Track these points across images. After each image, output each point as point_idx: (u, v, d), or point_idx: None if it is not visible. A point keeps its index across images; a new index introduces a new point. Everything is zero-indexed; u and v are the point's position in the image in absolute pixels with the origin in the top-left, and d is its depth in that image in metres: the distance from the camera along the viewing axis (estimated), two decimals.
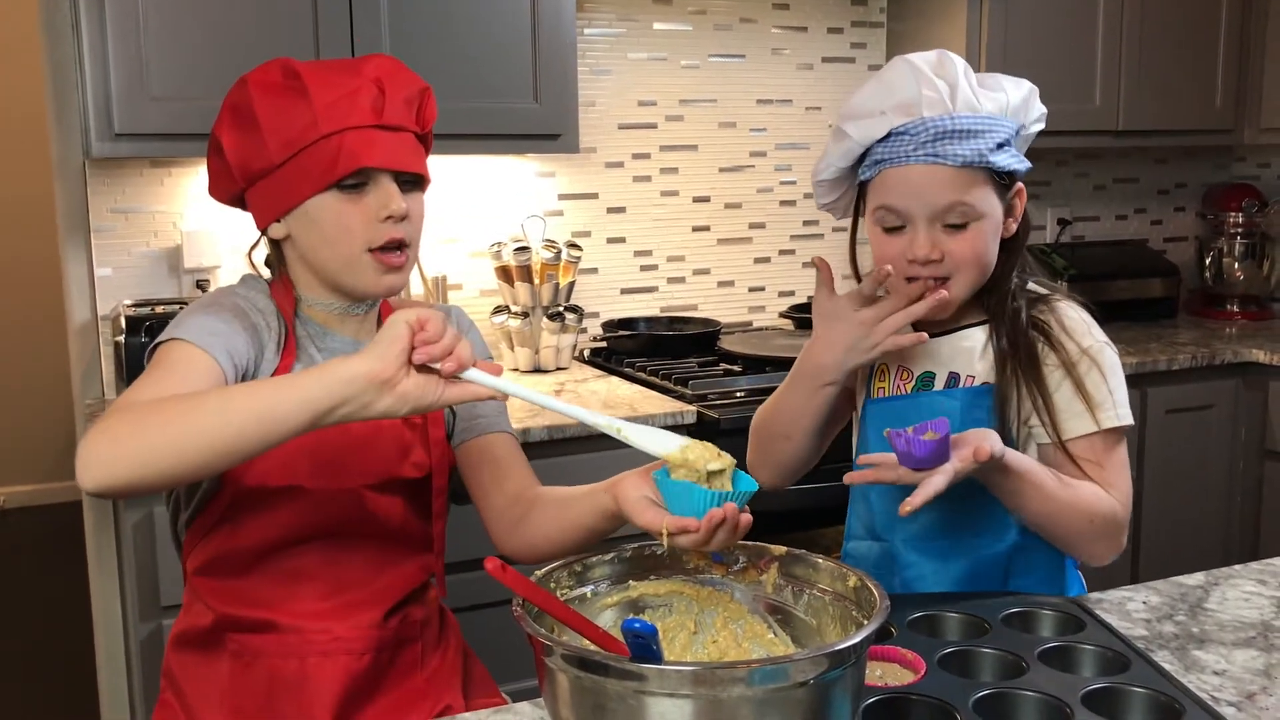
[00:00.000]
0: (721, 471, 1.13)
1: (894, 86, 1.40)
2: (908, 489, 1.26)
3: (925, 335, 1.42)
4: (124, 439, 1.12)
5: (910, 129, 1.38)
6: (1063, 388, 1.42)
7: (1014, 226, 1.46)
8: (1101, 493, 1.40)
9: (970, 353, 1.47)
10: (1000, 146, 1.39)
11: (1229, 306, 3.55)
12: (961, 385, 1.46)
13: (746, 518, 1.11)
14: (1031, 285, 1.50)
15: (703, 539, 1.10)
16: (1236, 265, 3.52)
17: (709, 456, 1.13)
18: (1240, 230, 3.53)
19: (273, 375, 1.33)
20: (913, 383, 1.49)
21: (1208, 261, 3.57)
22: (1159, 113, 3.22)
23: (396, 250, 1.36)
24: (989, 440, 1.29)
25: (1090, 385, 1.42)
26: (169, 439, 1.11)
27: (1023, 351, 1.43)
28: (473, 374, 1.13)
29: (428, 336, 1.10)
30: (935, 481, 1.25)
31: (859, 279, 1.53)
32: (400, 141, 1.35)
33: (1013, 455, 1.34)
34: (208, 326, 1.29)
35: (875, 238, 1.45)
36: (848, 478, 1.35)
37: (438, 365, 1.12)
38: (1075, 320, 1.47)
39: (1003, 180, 1.42)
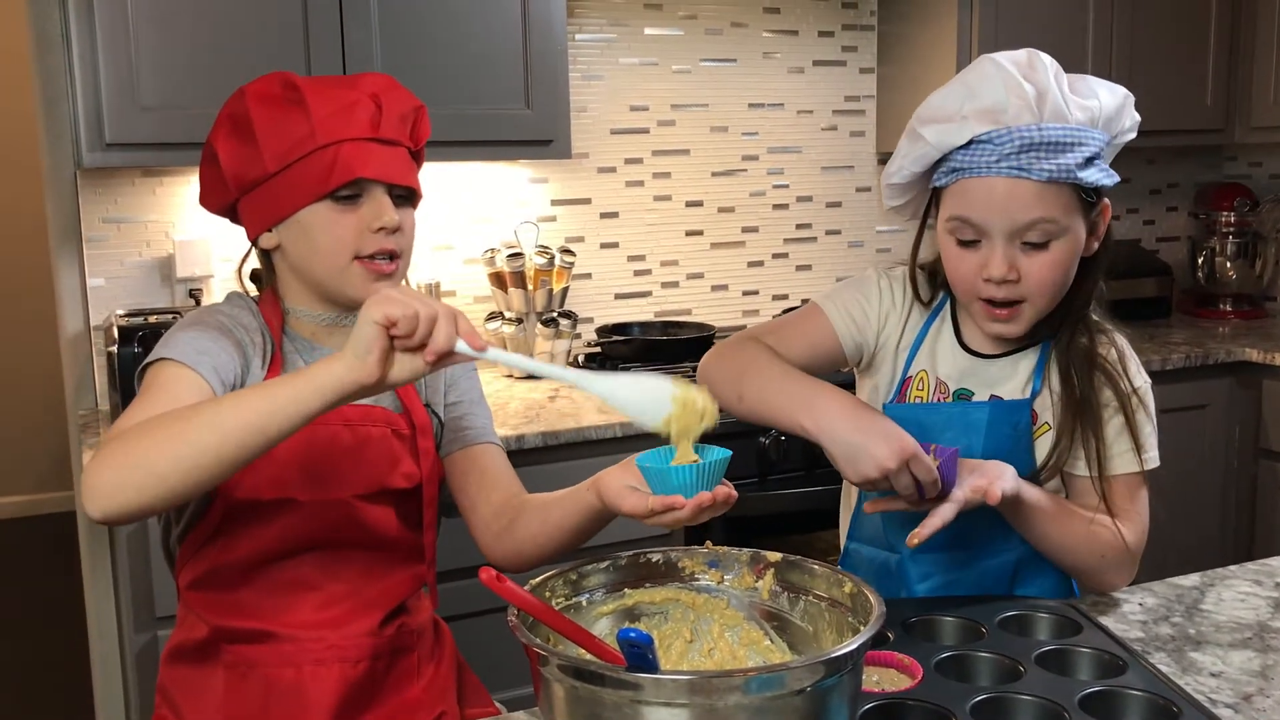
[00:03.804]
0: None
1: (978, 89, 1.33)
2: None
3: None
4: (125, 466, 1.13)
5: (994, 138, 1.30)
6: (1113, 423, 1.41)
7: (1095, 245, 1.40)
8: (1112, 525, 1.38)
9: (1020, 377, 1.44)
10: (1089, 161, 1.33)
11: (1222, 306, 3.56)
12: None
13: (728, 492, 1.14)
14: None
15: (688, 516, 1.13)
16: (1229, 264, 3.53)
17: (692, 423, 1.14)
18: (1232, 229, 3.53)
19: None
20: (949, 399, 1.46)
21: (1200, 261, 3.58)
22: (1150, 113, 3.15)
23: (387, 259, 1.36)
24: (1003, 479, 1.28)
25: (1136, 426, 1.41)
26: (169, 459, 1.12)
27: (1081, 394, 1.40)
28: (459, 347, 1.14)
29: (399, 332, 1.11)
30: (944, 512, 1.26)
31: (916, 288, 1.49)
32: (395, 156, 1.37)
33: (1028, 491, 1.32)
34: (194, 345, 1.30)
35: (948, 250, 1.38)
36: (868, 506, 1.34)
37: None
38: (1132, 357, 1.45)
39: (1088, 197, 1.35)
